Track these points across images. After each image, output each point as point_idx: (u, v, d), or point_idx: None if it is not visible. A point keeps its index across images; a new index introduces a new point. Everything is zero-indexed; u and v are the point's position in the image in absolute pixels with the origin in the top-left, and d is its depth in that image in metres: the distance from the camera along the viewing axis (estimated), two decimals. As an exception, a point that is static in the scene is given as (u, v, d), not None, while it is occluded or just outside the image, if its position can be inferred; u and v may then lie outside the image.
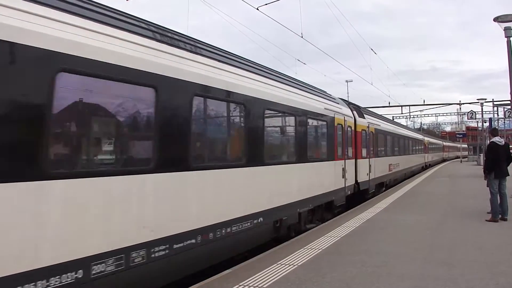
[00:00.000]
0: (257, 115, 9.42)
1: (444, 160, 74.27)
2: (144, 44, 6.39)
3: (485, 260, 8.02)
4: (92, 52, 5.38)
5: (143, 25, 6.78)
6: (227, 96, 8.37)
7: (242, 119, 9.13)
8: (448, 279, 6.90)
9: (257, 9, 16.20)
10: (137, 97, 6.40)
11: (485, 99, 46.36)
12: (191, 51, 7.55)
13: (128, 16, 6.67)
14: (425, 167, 46.15)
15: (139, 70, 6.13)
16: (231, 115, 9.06)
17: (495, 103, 47.36)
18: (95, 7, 5.92)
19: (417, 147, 39.73)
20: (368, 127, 19.86)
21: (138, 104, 6.45)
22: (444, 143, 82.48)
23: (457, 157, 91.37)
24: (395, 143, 27.24)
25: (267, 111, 9.82)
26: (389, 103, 57.19)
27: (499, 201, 12.33)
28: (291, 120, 11.29)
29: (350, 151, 16.70)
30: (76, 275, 5.00)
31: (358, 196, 17.78)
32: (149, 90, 6.37)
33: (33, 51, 4.66)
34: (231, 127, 9.22)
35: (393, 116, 58.41)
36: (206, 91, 7.67)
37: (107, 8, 6.24)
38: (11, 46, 4.47)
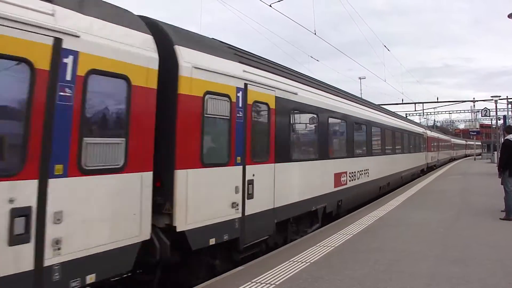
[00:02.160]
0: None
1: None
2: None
3: (499, 259, 7.99)
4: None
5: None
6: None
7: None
8: (461, 277, 6.90)
9: (270, 6, 16.20)
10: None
11: (499, 96, 45.93)
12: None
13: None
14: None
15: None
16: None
17: (509, 100, 46.81)
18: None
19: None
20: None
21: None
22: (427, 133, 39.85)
23: (451, 160, 61.78)
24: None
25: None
26: (402, 100, 56.85)
27: (513, 200, 12.22)
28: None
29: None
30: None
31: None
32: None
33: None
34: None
35: (406, 114, 57.96)
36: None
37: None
38: None
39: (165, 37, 6.98)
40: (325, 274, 7.21)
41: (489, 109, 50.04)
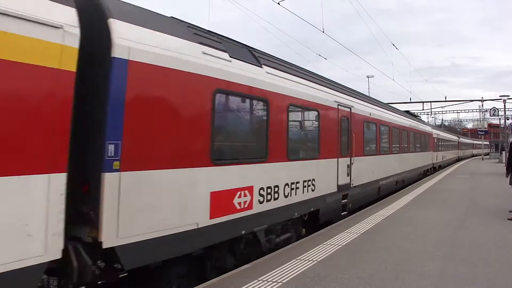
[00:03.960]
0: None
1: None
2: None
3: (507, 260, 7.93)
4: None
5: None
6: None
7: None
8: (469, 278, 6.85)
9: (279, 4, 16.15)
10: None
11: (508, 95, 45.61)
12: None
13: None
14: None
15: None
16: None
17: (518, 100, 46.50)
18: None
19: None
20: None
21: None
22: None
23: (429, 172, 33.41)
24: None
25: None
26: (410, 99, 56.67)
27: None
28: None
29: None
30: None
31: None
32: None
33: None
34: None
35: (414, 113, 57.76)
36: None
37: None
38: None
39: None
40: (331, 272, 7.18)
41: (497, 109, 49.72)
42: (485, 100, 62.29)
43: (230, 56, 8.06)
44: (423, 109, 59.70)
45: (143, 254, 6.00)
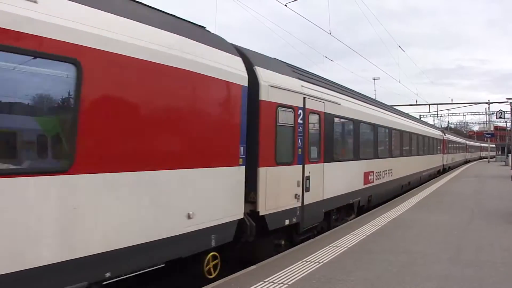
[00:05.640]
0: None
1: None
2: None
3: (513, 263, 7.94)
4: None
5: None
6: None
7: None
8: (475, 280, 6.87)
9: (286, 5, 16.20)
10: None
11: (515, 98, 45.31)
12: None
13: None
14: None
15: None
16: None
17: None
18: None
19: None
20: None
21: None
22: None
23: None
24: None
25: None
26: (416, 101, 56.55)
27: (528, 203, 12.12)
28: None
29: None
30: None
31: None
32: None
33: None
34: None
35: (420, 115, 57.62)
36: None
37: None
38: None
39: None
40: (338, 274, 7.23)
41: (504, 111, 49.49)
42: (492, 103, 62.07)
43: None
44: (429, 111, 59.61)
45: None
